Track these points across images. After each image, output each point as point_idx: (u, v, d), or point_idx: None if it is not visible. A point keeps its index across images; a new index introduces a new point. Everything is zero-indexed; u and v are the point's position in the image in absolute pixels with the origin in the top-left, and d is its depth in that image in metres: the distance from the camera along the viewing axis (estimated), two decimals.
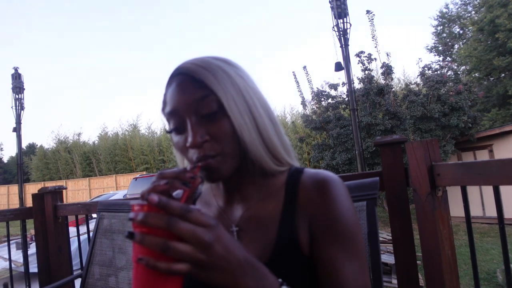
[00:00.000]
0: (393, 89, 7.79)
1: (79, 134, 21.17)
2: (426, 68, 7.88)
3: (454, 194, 1.56)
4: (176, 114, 0.54)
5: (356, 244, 0.54)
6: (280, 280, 0.46)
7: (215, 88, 0.53)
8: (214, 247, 0.39)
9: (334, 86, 8.09)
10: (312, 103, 8.48)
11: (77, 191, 17.37)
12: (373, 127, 6.93)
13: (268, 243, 0.55)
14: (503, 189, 0.96)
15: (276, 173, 0.60)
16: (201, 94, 0.53)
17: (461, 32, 19.76)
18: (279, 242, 0.55)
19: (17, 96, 8.54)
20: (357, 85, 7.49)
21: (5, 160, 39.39)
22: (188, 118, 0.53)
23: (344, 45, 5.40)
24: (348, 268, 0.52)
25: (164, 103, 0.57)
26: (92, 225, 1.83)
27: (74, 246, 2.90)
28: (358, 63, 7.62)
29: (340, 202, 0.55)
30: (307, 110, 8.64)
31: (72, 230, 2.52)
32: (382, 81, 7.63)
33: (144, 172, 14.87)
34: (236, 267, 0.41)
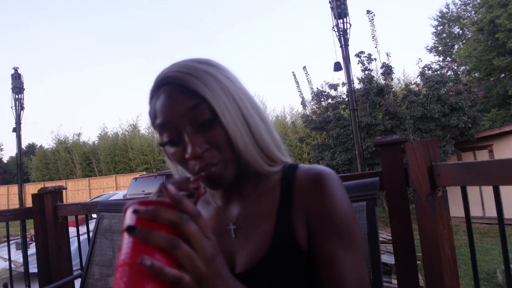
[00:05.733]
0: (393, 89, 7.79)
1: (79, 134, 21.16)
2: (426, 68, 7.88)
3: (454, 194, 1.56)
4: (170, 126, 0.53)
5: (354, 236, 0.54)
6: None
7: (207, 96, 0.52)
8: (216, 261, 0.38)
9: (334, 86, 8.09)
10: (312, 103, 8.48)
11: (77, 191, 17.36)
12: (373, 127, 6.92)
13: (265, 239, 0.55)
14: (503, 189, 0.96)
15: (271, 173, 0.60)
16: (193, 103, 0.51)
17: (461, 32, 19.76)
18: (276, 237, 0.55)
19: (17, 96, 8.54)
20: (357, 85, 7.49)
21: (5, 160, 39.40)
22: (183, 129, 0.52)
23: (344, 45, 5.39)
24: (346, 260, 0.52)
25: (154, 116, 0.55)
26: (92, 225, 1.83)
27: (74, 246, 2.90)
28: (358, 63, 7.63)
29: (336, 195, 0.55)
30: (307, 110, 8.64)
31: (72, 230, 2.51)
32: (382, 81, 7.63)
33: (144, 172, 14.85)
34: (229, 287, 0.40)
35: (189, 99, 0.52)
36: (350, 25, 5.47)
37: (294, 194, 0.57)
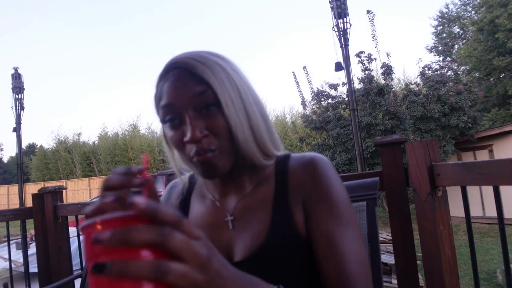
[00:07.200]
0: (393, 89, 7.79)
1: (79, 134, 21.14)
2: (426, 68, 7.88)
3: (454, 194, 1.56)
4: (174, 108, 0.54)
5: (350, 216, 0.56)
6: (275, 287, 0.42)
7: (213, 84, 0.53)
8: (212, 262, 0.33)
9: (334, 86, 8.08)
10: (312, 103, 8.48)
11: (77, 191, 17.36)
12: (373, 127, 6.92)
13: (263, 227, 0.56)
14: (503, 189, 0.96)
15: (266, 166, 0.62)
16: (199, 89, 0.53)
17: (461, 32, 19.75)
18: (273, 225, 0.56)
19: (17, 96, 8.54)
20: (357, 85, 7.48)
21: (5, 160, 39.42)
22: (186, 113, 0.53)
23: (344, 45, 5.40)
24: (346, 238, 0.53)
25: (159, 97, 0.56)
26: None
27: (74, 246, 2.90)
28: (358, 63, 7.62)
29: (329, 176, 0.57)
30: (307, 110, 8.63)
31: (72, 230, 2.51)
32: (382, 81, 7.63)
33: None
34: (231, 283, 0.35)
35: (196, 84, 0.53)
36: (350, 25, 5.48)
37: (289, 181, 0.59)
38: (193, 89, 0.53)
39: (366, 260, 0.54)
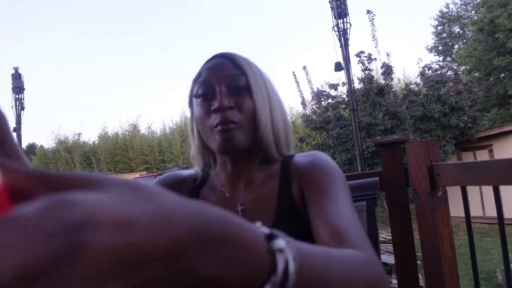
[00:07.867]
0: (393, 89, 7.79)
1: (79, 134, 21.11)
2: (426, 68, 7.89)
3: (454, 194, 1.56)
4: (208, 84, 0.61)
5: (345, 185, 0.58)
6: (266, 231, 0.28)
7: (248, 73, 0.62)
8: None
9: (334, 86, 8.09)
10: (312, 103, 8.49)
11: None
12: (373, 127, 6.93)
13: (269, 215, 0.61)
14: (503, 189, 0.96)
15: (276, 160, 0.67)
16: (234, 72, 0.61)
17: (461, 32, 19.76)
18: (279, 213, 0.61)
19: (17, 96, 8.54)
20: (357, 85, 7.49)
21: None
22: (219, 87, 0.60)
23: (344, 45, 5.40)
24: (342, 197, 0.54)
25: (199, 76, 0.64)
26: None
27: None
28: (358, 63, 7.63)
29: (324, 159, 0.62)
30: (307, 110, 8.64)
31: None
32: (382, 81, 7.64)
33: (144, 172, 14.85)
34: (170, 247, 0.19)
35: (232, 68, 0.62)
36: (350, 25, 5.48)
37: (292, 173, 0.64)
38: (229, 71, 0.61)
39: (360, 224, 0.53)
